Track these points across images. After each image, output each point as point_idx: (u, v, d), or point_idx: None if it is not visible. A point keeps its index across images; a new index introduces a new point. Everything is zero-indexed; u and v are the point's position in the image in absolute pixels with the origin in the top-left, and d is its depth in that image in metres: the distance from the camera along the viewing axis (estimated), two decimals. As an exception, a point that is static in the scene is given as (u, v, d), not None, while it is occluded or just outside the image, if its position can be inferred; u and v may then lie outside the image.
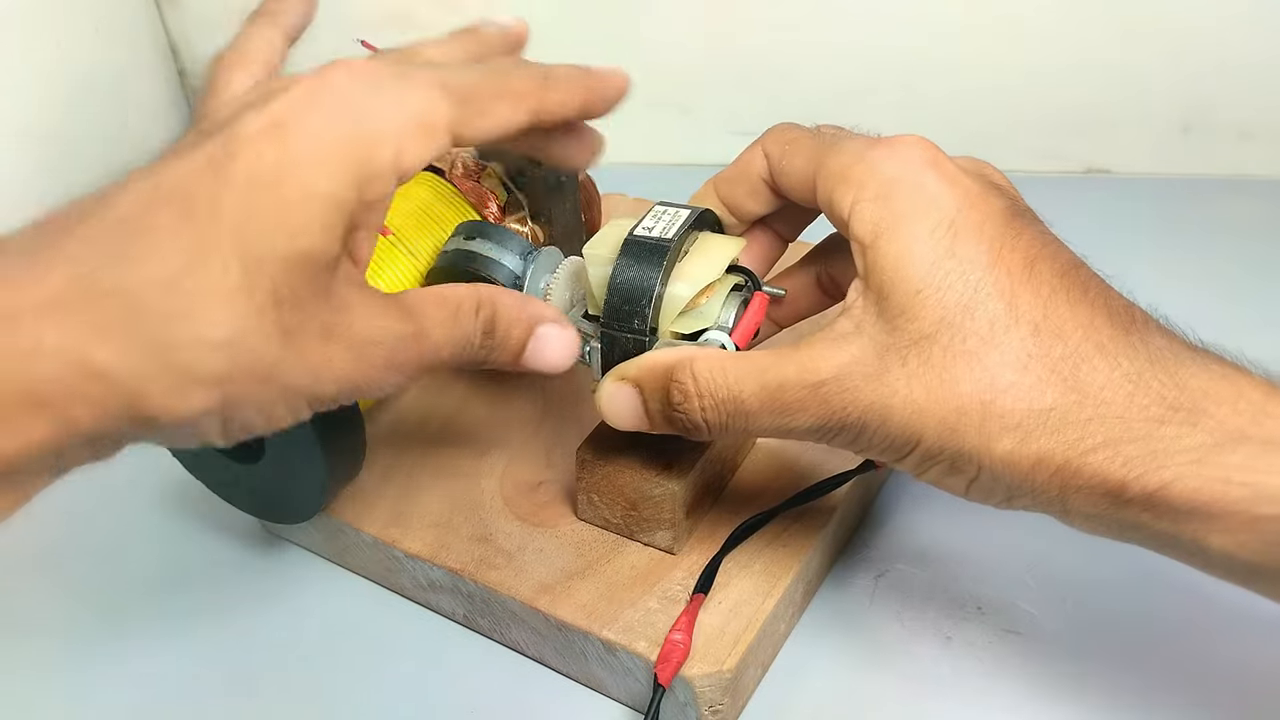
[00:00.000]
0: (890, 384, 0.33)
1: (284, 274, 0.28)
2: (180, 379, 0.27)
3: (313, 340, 0.30)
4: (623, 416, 0.37)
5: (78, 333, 0.26)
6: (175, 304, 0.27)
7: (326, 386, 0.30)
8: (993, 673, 0.40)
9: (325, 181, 0.29)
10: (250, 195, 0.28)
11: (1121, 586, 0.43)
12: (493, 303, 0.35)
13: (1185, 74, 0.67)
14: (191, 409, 0.28)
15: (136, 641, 0.44)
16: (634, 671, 0.38)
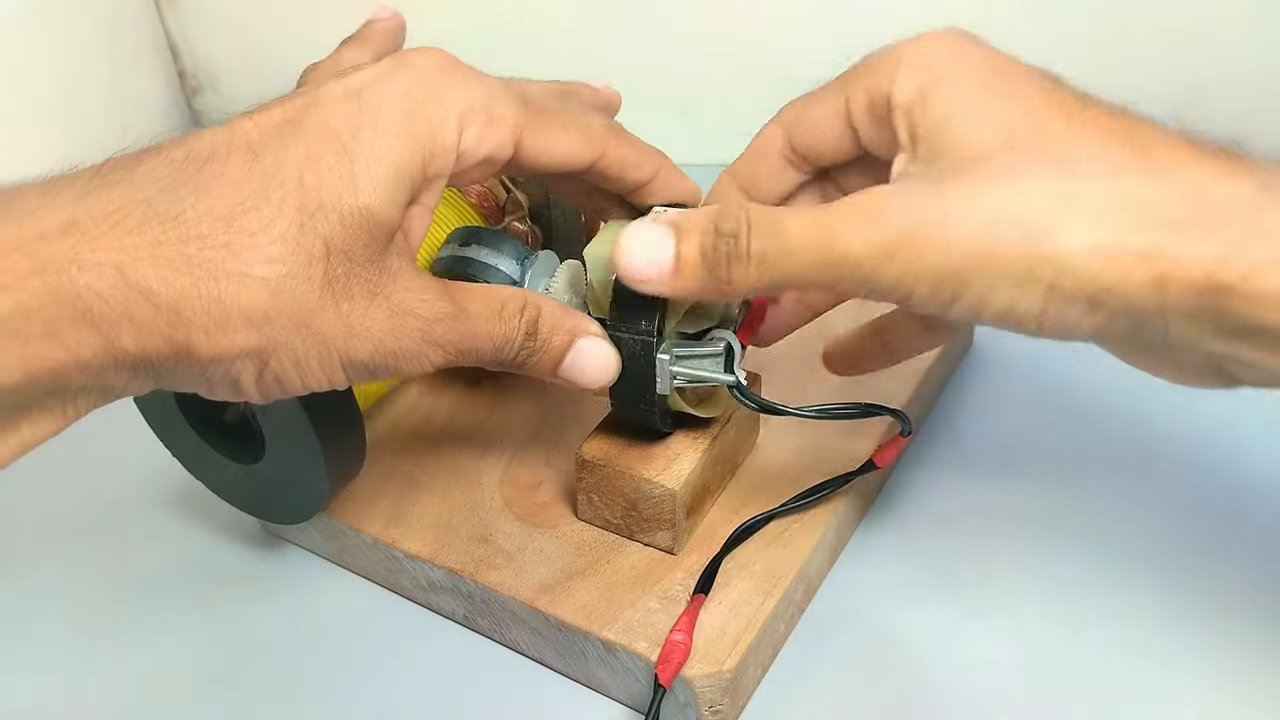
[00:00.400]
0: (955, 194, 0.31)
1: (340, 227, 0.29)
2: (223, 311, 0.28)
3: (356, 297, 0.30)
4: (645, 250, 0.33)
5: (131, 253, 0.27)
6: (228, 237, 0.28)
7: (361, 346, 0.31)
8: (993, 673, 0.40)
9: (393, 146, 0.30)
10: (319, 148, 0.29)
11: (1122, 585, 0.43)
12: (537, 307, 0.35)
13: (1184, 73, 0.67)
14: (230, 345, 0.29)
15: (136, 641, 0.44)
16: (634, 671, 0.38)
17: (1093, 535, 0.45)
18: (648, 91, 0.73)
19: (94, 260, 0.27)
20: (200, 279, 0.28)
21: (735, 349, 0.38)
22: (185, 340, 0.28)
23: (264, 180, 0.29)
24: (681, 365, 0.38)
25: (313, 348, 0.30)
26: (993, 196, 0.30)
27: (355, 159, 0.30)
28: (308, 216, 0.29)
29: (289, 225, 0.29)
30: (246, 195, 0.28)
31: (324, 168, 0.29)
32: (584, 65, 0.74)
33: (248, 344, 0.29)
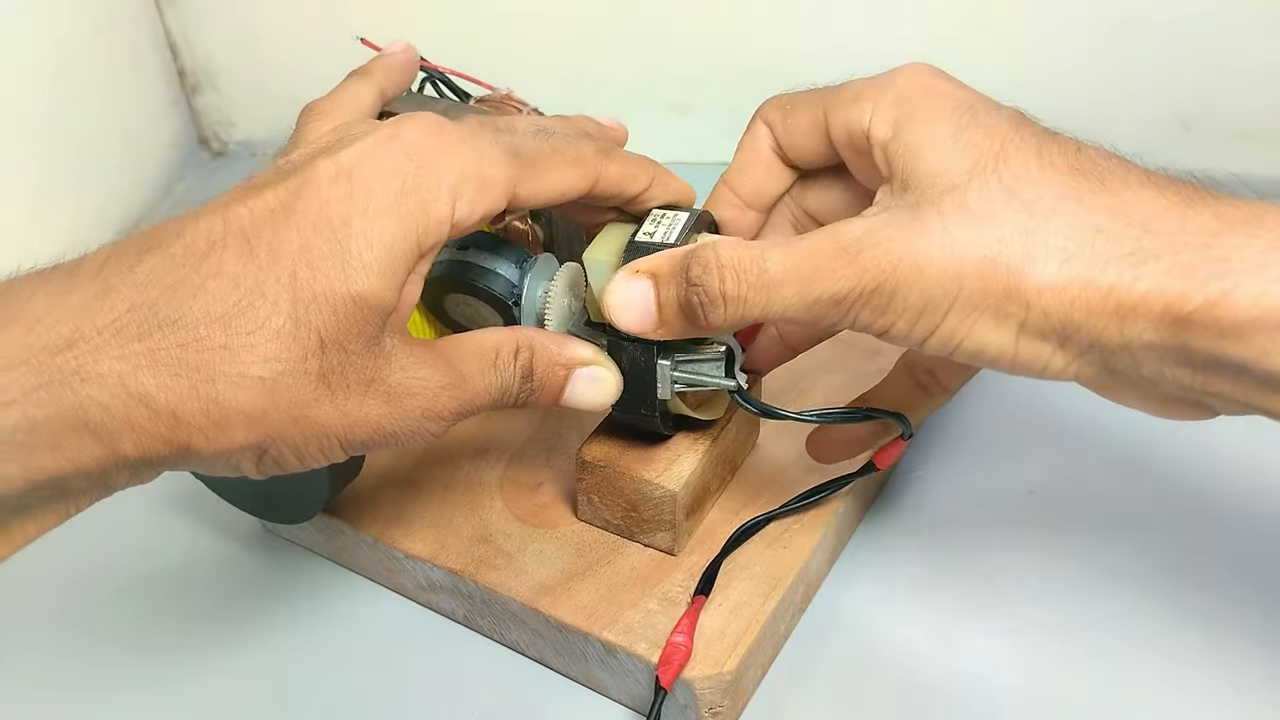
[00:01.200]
0: (926, 231, 0.31)
1: (334, 318, 0.29)
2: (221, 412, 0.29)
3: (352, 388, 0.30)
4: (631, 309, 0.35)
5: (132, 361, 0.28)
6: (225, 338, 0.28)
7: (360, 431, 0.31)
8: (993, 673, 0.40)
9: (386, 228, 0.30)
10: (311, 237, 0.29)
11: (1121, 585, 0.43)
12: (530, 347, 0.35)
13: (1185, 73, 0.67)
14: (229, 443, 0.29)
15: (136, 641, 0.44)
16: (634, 673, 0.38)
17: (1093, 536, 0.45)
18: (648, 91, 0.73)
19: (96, 372, 0.27)
20: (198, 382, 0.28)
21: (735, 353, 0.38)
22: (185, 441, 0.29)
23: (259, 275, 0.29)
24: (682, 370, 0.38)
25: (311, 437, 0.30)
26: (964, 231, 0.31)
27: (348, 247, 0.30)
28: (302, 310, 0.29)
29: (284, 321, 0.29)
30: (243, 293, 0.29)
31: (317, 258, 0.29)
32: (584, 65, 0.74)
33: (246, 440, 0.29)
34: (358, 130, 0.33)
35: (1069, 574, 0.43)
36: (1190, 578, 0.43)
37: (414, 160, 0.31)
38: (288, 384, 0.29)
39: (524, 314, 0.42)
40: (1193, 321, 0.29)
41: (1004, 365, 0.32)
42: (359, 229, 0.30)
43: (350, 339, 0.30)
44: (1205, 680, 0.39)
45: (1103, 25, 0.66)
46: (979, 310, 0.31)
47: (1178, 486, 0.46)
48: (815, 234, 0.33)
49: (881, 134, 0.34)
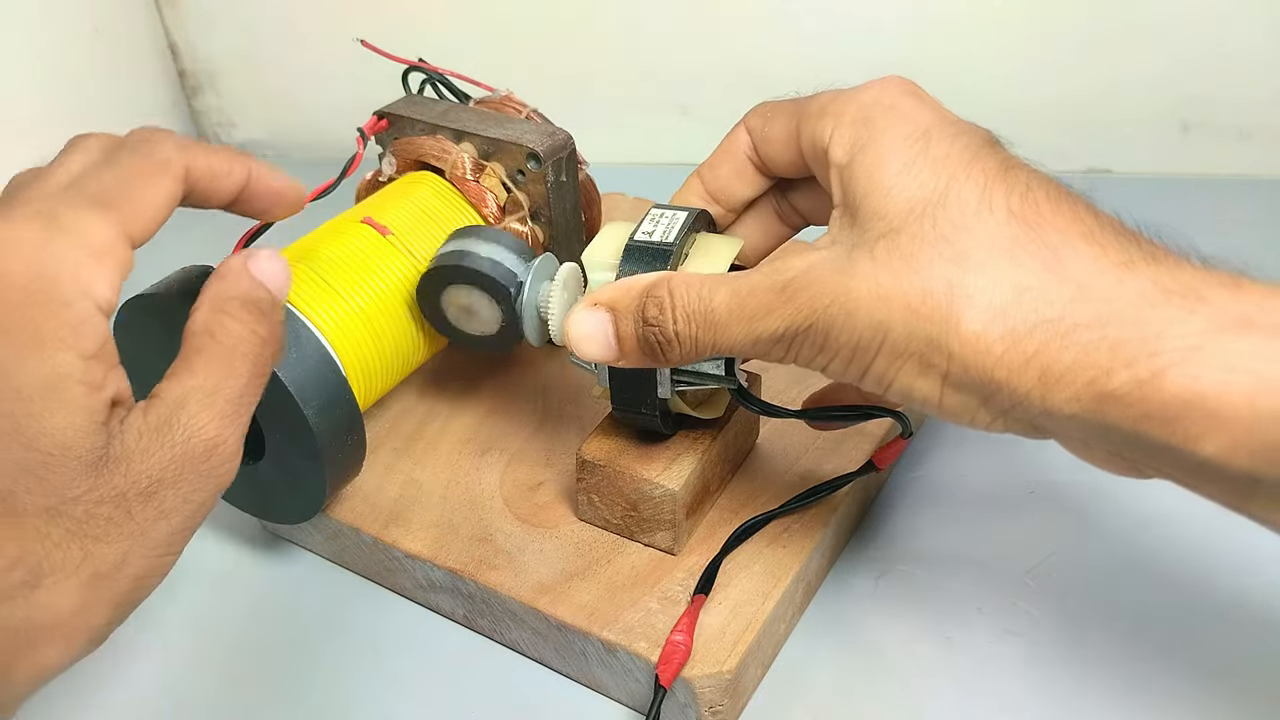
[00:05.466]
0: (857, 274, 0.31)
1: (43, 482, 0.27)
2: (15, 640, 0.28)
3: (112, 517, 0.29)
4: (592, 341, 0.36)
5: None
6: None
7: (160, 533, 0.30)
8: (993, 673, 0.40)
9: (37, 369, 0.27)
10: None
11: (1121, 585, 0.43)
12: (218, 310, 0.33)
13: (1185, 74, 0.67)
14: (56, 656, 0.28)
15: (135, 641, 0.44)
16: (634, 672, 0.38)
17: (1093, 535, 0.45)
18: (648, 91, 0.73)
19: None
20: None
21: None
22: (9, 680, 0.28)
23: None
24: (682, 369, 0.38)
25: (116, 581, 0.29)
26: (892, 279, 0.31)
27: (9, 414, 0.27)
28: (10, 500, 0.27)
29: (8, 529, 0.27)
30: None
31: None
32: (584, 66, 0.74)
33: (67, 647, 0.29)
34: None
35: (1070, 574, 0.43)
36: (1193, 576, 0.43)
37: (16, 285, 0.28)
38: (50, 568, 0.28)
39: (526, 313, 0.42)
40: (1120, 398, 0.28)
41: (933, 411, 0.32)
42: (6, 391, 0.27)
43: (73, 487, 0.28)
44: (1206, 677, 0.39)
45: (1103, 25, 0.66)
46: (904, 357, 0.31)
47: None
48: (759, 271, 0.34)
49: (838, 156, 0.34)
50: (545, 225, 0.48)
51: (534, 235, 0.48)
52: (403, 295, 0.45)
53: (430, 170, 0.49)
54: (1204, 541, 0.44)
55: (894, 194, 0.32)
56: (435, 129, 0.48)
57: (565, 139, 0.47)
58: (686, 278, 0.35)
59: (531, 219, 0.48)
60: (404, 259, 0.45)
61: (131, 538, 0.29)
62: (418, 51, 0.51)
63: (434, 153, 0.48)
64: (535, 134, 0.47)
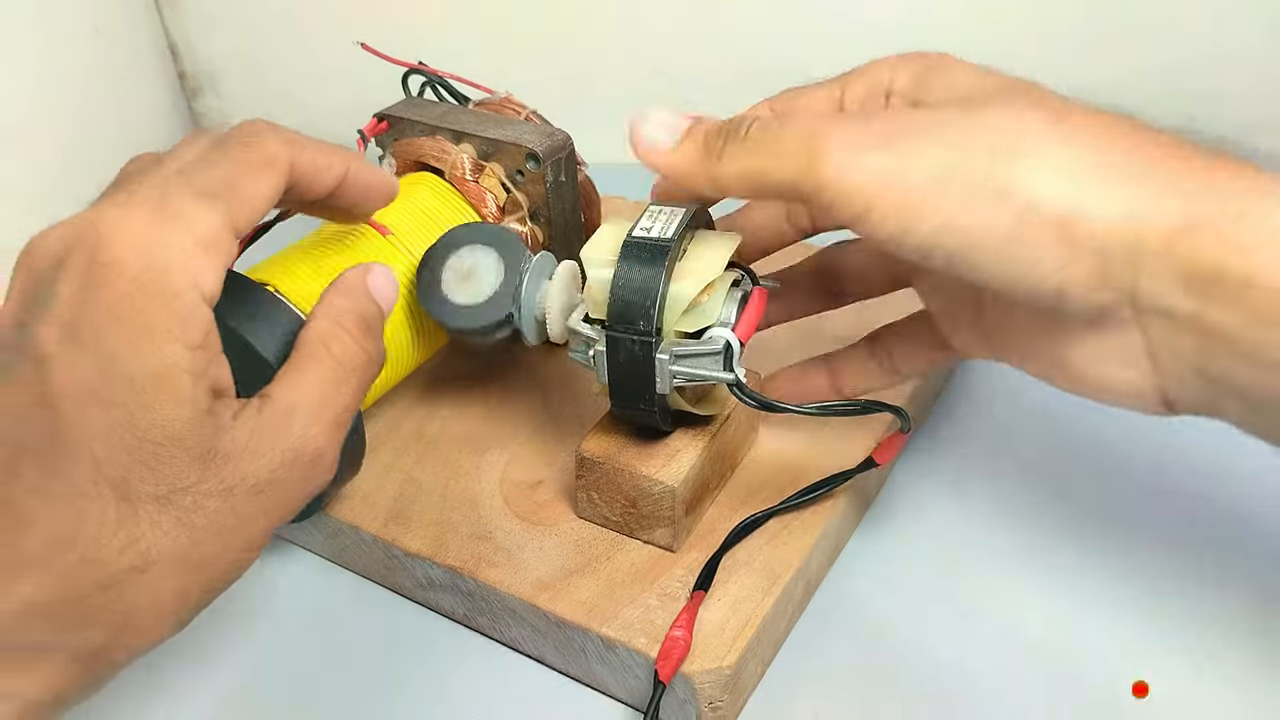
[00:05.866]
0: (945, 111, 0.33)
1: (154, 471, 0.28)
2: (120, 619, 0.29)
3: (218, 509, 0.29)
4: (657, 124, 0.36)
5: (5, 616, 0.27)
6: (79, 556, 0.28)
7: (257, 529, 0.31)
8: (994, 672, 0.40)
9: (147, 359, 0.28)
10: (85, 414, 0.28)
11: (1122, 584, 0.43)
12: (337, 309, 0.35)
13: (1185, 74, 0.67)
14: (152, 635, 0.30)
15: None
16: (633, 669, 0.38)
17: (1093, 533, 0.45)
18: (648, 91, 0.73)
19: None
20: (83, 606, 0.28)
21: (734, 347, 0.38)
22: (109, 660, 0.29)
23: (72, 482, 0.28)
24: (681, 364, 0.38)
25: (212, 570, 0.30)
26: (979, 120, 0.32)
27: (121, 403, 0.28)
28: (124, 487, 0.28)
29: (117, 509, 0.28)
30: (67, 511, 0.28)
31: (103, 432, 0.28)
32: (584, 66, 0.74)
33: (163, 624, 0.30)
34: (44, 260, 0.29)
35: (1069, 572, 0.43)
36: (1191, 576, 0.43)
37: (128, 273, 0.28)
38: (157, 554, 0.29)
39: (524, 311, 0.42)
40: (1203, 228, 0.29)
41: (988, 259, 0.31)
42: (119, 380, 0.28)
43: (183, 477, 0.29)
44: (1203, 677, 0.39)
45: (1102, 24, 0.67)
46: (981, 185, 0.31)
47: (1180, 483, 0.46)
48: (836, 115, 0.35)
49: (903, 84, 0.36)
50: (544, 225, 0.48)
51: (533, 235, 0.48)
52: (403, 296, 0.45)
53: (430, 171, 0.49)
54: (1208, 540, 0.44)
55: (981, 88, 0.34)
56: (435, 130, 0.48)
57: (564, 139, 0.47)
58: None
59: (531, 219, 0.48)
60: (404, 259, 0.45)
61: (233, 532, 0.30)
62: (417, 53, 0.51)
63: (433, 153, 0.48)
64: (534, 134, 0.47)
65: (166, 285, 0.29)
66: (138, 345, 0.28)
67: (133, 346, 0.28)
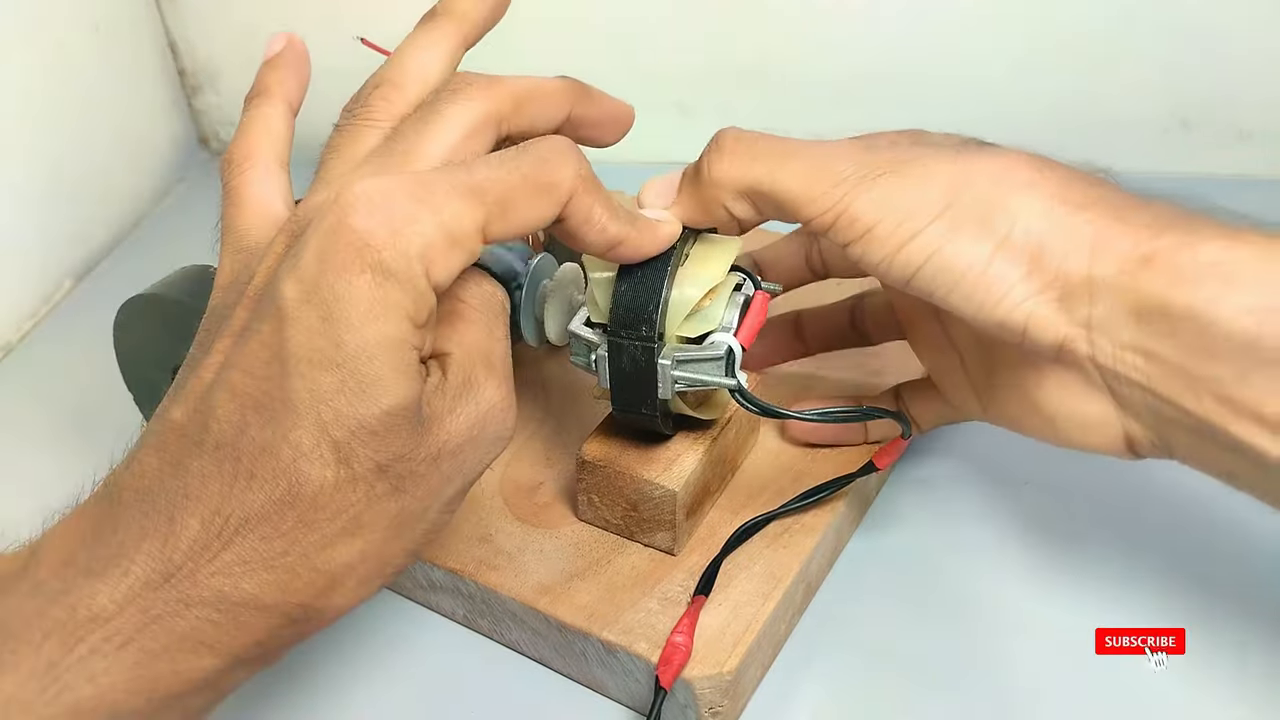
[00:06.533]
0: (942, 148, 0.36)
1: (376, 438, 0.29)
2: (326, 579, 0.29)
3: (425, 474, 0.30)
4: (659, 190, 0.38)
5: (228, 574, 0.28)
6: (296, 516, 0.29)
7: (454, 490, 0.32)
8: (994, 673, 0.40)
9: (377, 333, 0.28)
10: (316, 378, 0.28)
11: (1122, 583, 0.43)
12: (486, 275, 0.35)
13: (1185, 73, 0.67)
14: (352, 597, 0.30)
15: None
16: (634, 672, 0.38)
17: (1094, 534, 0.45)
18: (648, 91, 0.73)
19: (199, 597, 0.28)
20: (294, 565, 0.29)
21: (736, 352, 0.38)
22: (305, 617, 0.30)
23: (291, 437, 0.28)
24: (682, 370, 0.38)
25: (416, 537, 0.31)
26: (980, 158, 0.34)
27: (352, 370, 0.28)
28: (345, 451, 0.29)
29: (336, 472, 0.29)
30: (288, 467, 0.28)
31: (330, 395, 0.28)
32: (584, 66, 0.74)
33: (360, 585, 0.30)
34: (300, 222, 0.31)
35: (1070, 572, 0.43)
36: (1193, 578, 0.43)
37: (372, 246, 0.28)
38: (370, 519, 0.29)
39: (524, 313, 0.42)
40: (1154, 259, 0.32)
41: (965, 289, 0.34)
42: (352, 347, 0.28)
43: (401, 446, 0.29)
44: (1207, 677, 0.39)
45: (1102, 24, 0.66)
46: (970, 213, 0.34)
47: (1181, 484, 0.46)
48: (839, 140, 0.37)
49: None
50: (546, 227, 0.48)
51: (534, 236, 0.48)
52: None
53: (430, 170, 0.48)
54: (1209, 540, 0.44)
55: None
56: (435, 129, 0.48)
57: (565, 139, 0.47)
58: None
59: (531, 219, 0.48)
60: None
61: (434, 495, 0.31)
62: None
63: (434, 153, 0.48)
64: (535, 134, 0.47)
65: (405, 269, 0.29)
66: (371, 317, 0.28)
67: (366, 318, 0.28)
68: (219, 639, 0.28)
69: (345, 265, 0.28)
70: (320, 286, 0.28)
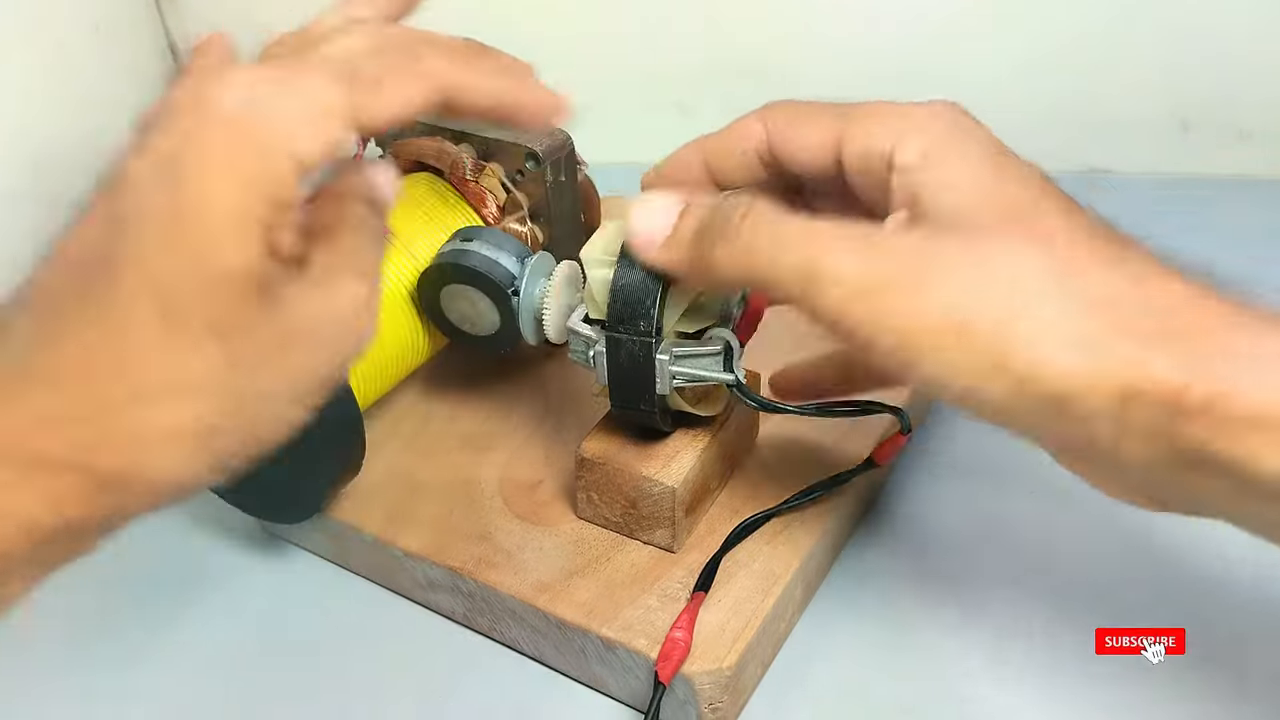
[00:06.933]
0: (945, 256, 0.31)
1: (208, 302, 0.28)
2: (140, 442, 0.28)
3: (264, 348, 0.29)
4: (649, 214, 0.36)
5: (18, 428, 0.27)
6: (108, 370, 0.27)
7: (302, 378, 0.30)
8: (993, 671, 0.40)
9: (223, 197, 0.28)
10: (151, 237, 0.28)
11: (1121, 582, 0.43)
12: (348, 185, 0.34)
13: (1185, 73, 0.67)
14: (175, 468, 0.28)
15: (136, 642, 0.44)
16: (633, 669, 0.38)
17: (1094, 533, 0.45)
18: (648, 91, 0.73)
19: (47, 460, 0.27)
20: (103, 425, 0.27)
21: (734, 348, 0.38)
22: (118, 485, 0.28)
23: (115, 299, 0.28)
24: (681, 365, 0.38)
25: (256, 416, 0.30)
26: (982, 268, 0.31)
27: (189, 234, 0.28)
28: (172, 314, 0.28)
29: (158, 332, 0.28)
30: (107, 321, 0.28)
31: (162, 254, 0.28)
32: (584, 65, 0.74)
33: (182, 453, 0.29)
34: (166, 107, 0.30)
35: (1071, 574, 0.43)
36: (1195, 578, 0.43)
37: (231, 120, 0.29)
38: (194, 379, 0.28)
39: (523, 311, 0.42)
40: (1197, 414, 0.28)
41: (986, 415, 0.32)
42: (192, 211, 0.28)
43: (236, 311, 0.28)
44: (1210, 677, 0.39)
45: (1103, 24, 0.66)
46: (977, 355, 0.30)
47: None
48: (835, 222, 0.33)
49: (907, 161, 0.33)
50: (544, 225, 0.48)
51: (533, 235, 0.48)
52: (403, 295, 0.45)
53: (430, 171, 0.49)
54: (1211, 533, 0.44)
55: (984, 194, 0.32)
56: (435, 129, 0.48)
57: (564, 139, 0.47)
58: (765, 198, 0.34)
59: (531, 219, 0.48)
60: (404, 259, 0.45)
61: (277, 374, 0.30)
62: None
63: (433, 153, 0.48)
64: (534, 134, 0.47)
65: (265, 140, 0.29)
66: (222, 186, 0.28)
67: (217, 186, 0.28)
68: (8, 501, 0.27)
69: (201, 137, 0.28)
70: (172, 157, 0.28)
